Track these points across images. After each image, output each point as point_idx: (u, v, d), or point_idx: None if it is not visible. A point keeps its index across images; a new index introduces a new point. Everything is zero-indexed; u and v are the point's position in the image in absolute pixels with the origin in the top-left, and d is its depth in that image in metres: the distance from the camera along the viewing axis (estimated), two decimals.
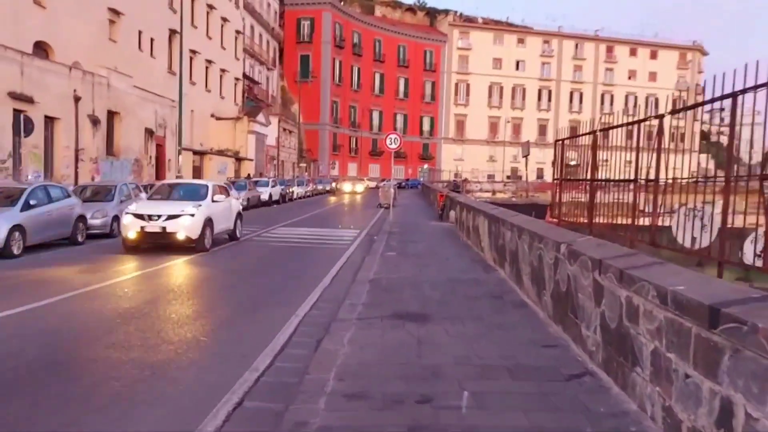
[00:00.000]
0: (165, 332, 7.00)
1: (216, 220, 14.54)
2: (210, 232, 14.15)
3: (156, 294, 9.34)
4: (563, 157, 9.44)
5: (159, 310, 8.24)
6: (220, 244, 15.35)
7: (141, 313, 7.94)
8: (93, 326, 7.30)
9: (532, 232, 8.28)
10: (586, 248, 6.05)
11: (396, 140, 21.82)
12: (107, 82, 25.46)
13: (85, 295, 9.00)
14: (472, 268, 11.55)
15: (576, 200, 9.51)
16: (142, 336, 6.80)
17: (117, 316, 7.72)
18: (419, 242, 16.02)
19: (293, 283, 10.49)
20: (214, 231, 14.53)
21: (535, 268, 8.05)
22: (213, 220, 14.33)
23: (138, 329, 7.09)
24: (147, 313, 7.99)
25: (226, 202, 15.58)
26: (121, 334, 6.85)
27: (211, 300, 9.26)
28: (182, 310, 8.24)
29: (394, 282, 9.76)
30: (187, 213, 13.63)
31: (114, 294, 9.19)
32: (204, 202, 14.31)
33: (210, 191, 14.84)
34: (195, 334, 7.01)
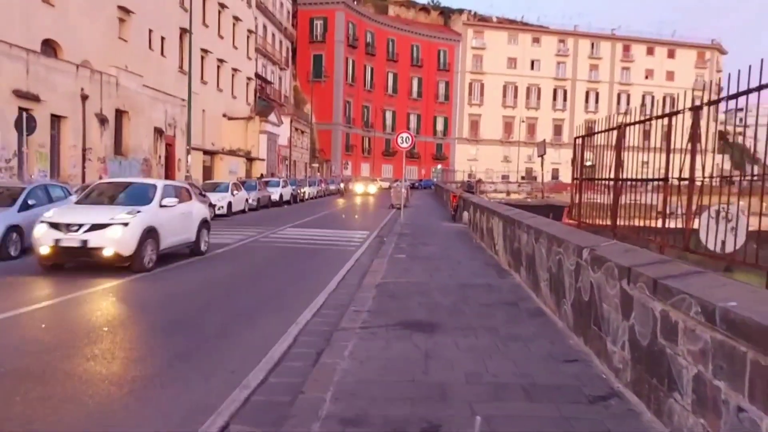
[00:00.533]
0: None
1: (165, 230, 11.44)
2: (153, 247, 11.04)
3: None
4: (583, 156, 8.85)
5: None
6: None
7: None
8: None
9: (551, 235, 7.70)
10: (612, 254, 5.48)
11: (407, 139, 21.26)
12: (116, 80, 25.16)
13: None
14: (486, 272, 10.98)
15: (597, 201, 8.93)
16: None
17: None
18: (430, 244, 15.47)
19: (297, 288, 9.98)
20: (162, 245, 11.41)
21: (553, 274, 7.47)
22: (159, 231, 11.20)
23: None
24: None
25: (183, 207, 12.43)
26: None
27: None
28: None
29: (402, 287, 9.22)
30: (117, 222, 10.47)
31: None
32: (146, 207, 11.19)
33: (158, 193, 11.69)
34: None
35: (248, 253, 14.23)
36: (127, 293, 9.34)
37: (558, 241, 7.29)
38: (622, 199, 7.65)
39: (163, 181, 13.08)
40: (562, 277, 6.99)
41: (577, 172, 9.16)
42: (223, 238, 16.50)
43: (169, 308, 8.35)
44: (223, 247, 14.85)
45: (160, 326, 7.32)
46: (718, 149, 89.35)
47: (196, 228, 12.94)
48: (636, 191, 7.48)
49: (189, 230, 12.67)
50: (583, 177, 8.91)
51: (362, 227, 21.92)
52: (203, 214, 13.58)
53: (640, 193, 7.04)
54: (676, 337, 3.82)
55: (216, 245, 15.01)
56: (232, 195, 25.47)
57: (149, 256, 10.95)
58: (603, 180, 7.76)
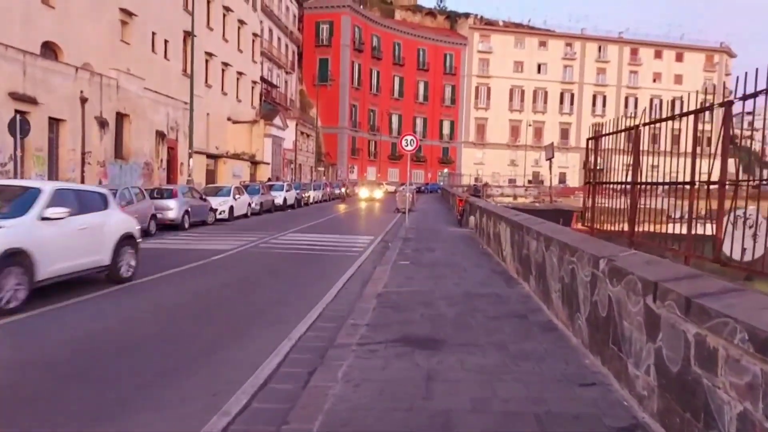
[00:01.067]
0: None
1: (46, 252, 8.27)
2: (18, 279, 7.77)
3: None
4: (596, 158, 8.32)
5: None
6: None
7: None
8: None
9: (563, 243, 7.17)
10: (632, 266, 4.95)
11: (412, 141, 20.74)
12: (116, 83, 24.76)
13: None
14: (493, 280, 10.45)
15: (611, 206, 8.41)
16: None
17: None
18: (436, 250, 14.94)
19: (294, 297, 9.48)
20: (41, 273, 8.18)
21: (566, 285, 6.94)
22: (32, 255, 7.98)
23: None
24: None
25: (86, 219, 9.36)
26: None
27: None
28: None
29: (404, 297, 8.71)
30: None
31: None
32: (14, 221, 8.01)
33: (40, 202, 8.46)
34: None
35: (244, 261, 13.73)
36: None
37: (571, 250, 6.76)
38: (639, 204, 7.14)
39: (56, 183, 9.55)
40: (576, 289, 6.46)
41: (589, 175, 8.63)
42: (222, 245, 16.04)
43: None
44: (221, 253, 14.37)
45: (140, 340, 6.83)
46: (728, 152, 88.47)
47: (111, 247, 9.84)
48: (654, 196, 6.96)
49: (98, 250, 9.58)
50: (595, 181, 8.38)
51: (366, 232, 21.43)
52: (125, 229, 10.41)
53: (660, 197, 6.51)
54: (716, 367, 3.29)
55: (214, 252, 14.55)
56: (234, 199, 25.04)
57: (19, 287, 7.75)
58: (619, 184, 7.23)
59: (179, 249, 15.18)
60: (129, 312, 8.34)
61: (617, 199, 8.02)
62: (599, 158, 8.60)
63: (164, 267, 11.81)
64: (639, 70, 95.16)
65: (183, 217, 19.99)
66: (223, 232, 20.02)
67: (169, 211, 19.60)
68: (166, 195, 20.22)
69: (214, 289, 10.16)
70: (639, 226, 7.76)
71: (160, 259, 13.28)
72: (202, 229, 20.90)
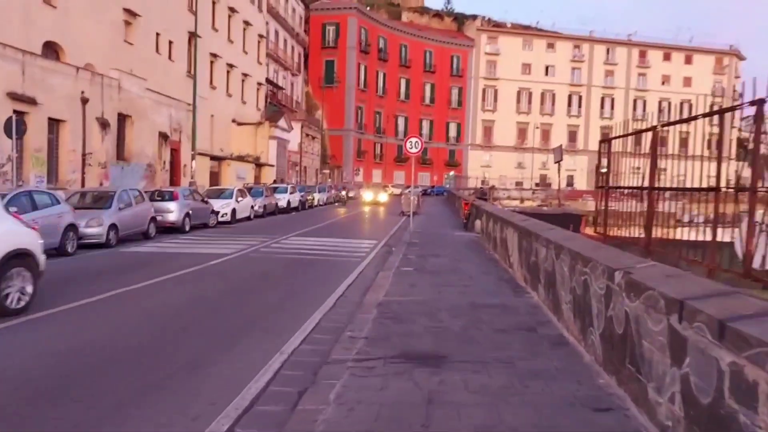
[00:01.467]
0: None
1: None
2: None
3: None
4: (610, 161, 7.88)
5: None
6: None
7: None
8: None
9: (574, 252, 6.73)
10: (652, 280, 4.51)
11: (417, 144, 20.29)
12: (118, 84, 24.47)
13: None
14: (500, 289, 10.00)
15: (624, 210, 7.98)
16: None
17: None
18: (440, 255, 14.51)
19: (291, 305, 9.07)
20: None
21: (578, 296, 6.50)
22: None
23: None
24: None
25: None
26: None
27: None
28: None
29: (406, 307, 8.28)
30: None
31: None
32: None
33: None
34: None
35: (242, 266, 13.32)
36: None
37: (583, 260, 6.32)
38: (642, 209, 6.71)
39: None
40: (589, 301, 6.02)
41: (601, 179, 8.19)
42: (222, 248, 15.66)
43: None
44: (219, 258, 13.97)
45: (120, 354, 6.43)
46: (737, 157, 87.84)
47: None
48: (672, 201, 6.53)
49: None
50: (608, 185, 7.93)
51: (370, 236, 21.00)
52: (14, 244, 7.91)
53: (679, 203, 6.08)
54: (756, 403, 2.85)
55: (213, 256, 14.16)
56: (237, 202, 24.68)
57: None
58: (635, 189, 6.78)
59: (177, 253, 14.80)
60: (114, 321, 7.94)
61: (631, 204, 7.60)
62: (604, 161, 8.18)
63: (158, 273, 11.42)
64: (647, 72, 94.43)
65: (183, 219, 19.63)
66: (224, 235, 19.65)
67: (169, 214, 19.26)
68: (167, 197, 19.88)
69: (207, 296, 9.75)
70: (656, 232, 7.33)
71: (155, 264, 12.91)
72: (203, 232, 20.55)
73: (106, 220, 15.17)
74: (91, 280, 10.86)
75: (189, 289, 10.23)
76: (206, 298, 9.59)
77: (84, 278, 11.07)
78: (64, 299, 8.74)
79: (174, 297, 9.56)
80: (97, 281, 10.56)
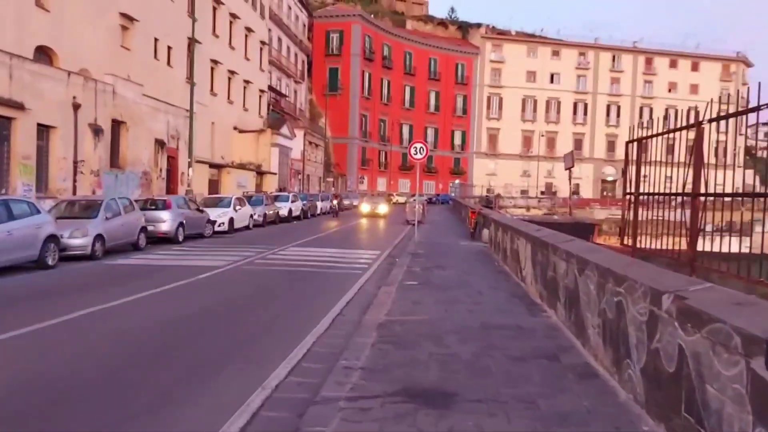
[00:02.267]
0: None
1: None
2: None
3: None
4: (639, 164, 6.97)
5: None
6: None
7: None
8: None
9: (603, 268, 5.80)
10: (716, 308, 3.60)
11: (422, 149, 19.41)
12: (112, 89, 23.65)
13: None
14: (513, 306, 9.07)
15: (658, 220, 7.06)
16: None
17: None
18: (447, 268, 13.59)
19: (281, 327, 8.16)
20: None
21: (609, 321, 5.57)
22: None
23: None
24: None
25: None
26: None
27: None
28: None
29: (410, 329, 7.36)
30: None
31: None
32: None
33: None
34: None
35: (234, 280, 12.42)
36: None
37: (616, 278, 5.39)
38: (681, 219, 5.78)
39: None
40: (625, 329, 5.09)
41: (630, 185, 7.28)
42: (215, 260, 14.76)
43: None
44: (210, 271, 13.07)
45: (65, 389, 5.53)
46: (746, 164, 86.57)
47: None
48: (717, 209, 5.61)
49: None
50: (638, 191, 7.01)
51: (373, 246, 20.07)
52: None
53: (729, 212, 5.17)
54: None
55: (204, 269, 13.26)
56: (235, 210, 23.81)
57: None
58: (674, 195, 5.87)
59: (165, 266, 13.91)
60: (77, 348, 7.04)
61: (665, 212, 6.69)
62: (612, 170, 7.29)
63: (140, 288, 10.52)
64: (654, 79, 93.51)
65: (177, 229, 18.74)
66: (219, 246, 18.77)
67: (161, 224, 18.40)
68: (160, 206, 19.01)
69: (190, 315, 8.82)
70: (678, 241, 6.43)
71: (140, 277, 12.02)
72: (197, 242, 19.66)
73: (92, 230, 14.29)
74: (64, 296, 9.97)
75: (171, 307, 9.32)
76: (188, 317, 8.67)
77: (57, 294, 10.18)
78: (25, 320, 7.84)
79: (152, 316, 8.64)
80: (71, 298, 9.67)
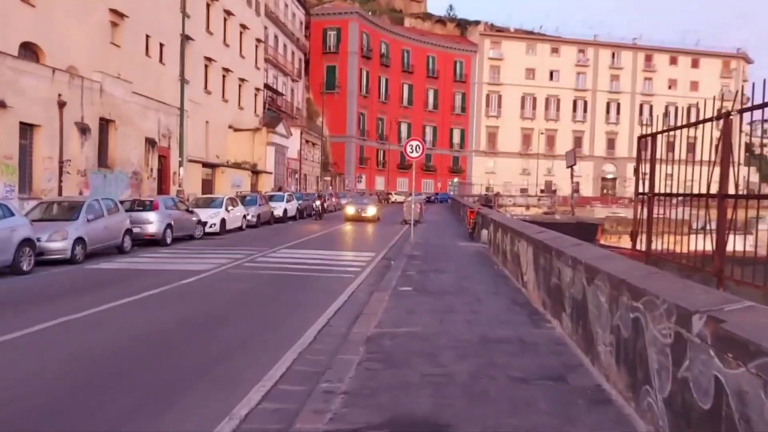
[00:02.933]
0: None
1: None
2: None
3: None
4: (654, 161, 6.30)
5: None
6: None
7: None
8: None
9: (617, 279, 5.13)
10: (764, 335, 2.94)
11: (418, 147, 18.70)
12: (100, 86, 22.95)
13: None
14: (514, 316, 8.40)
15: (669, 220, 6.41)
16: None
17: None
18: (444, 271, 12.92)
19: (261, 340, 7.49)
20: None
21: (624, 340, 4.90)
22: None
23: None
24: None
25: None
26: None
27: None
28: None
29: (401, 343, 6.70)
30: None
31: None
32: None
33: None
34: None
35: (217, 286, 11.73)
36: None
37: (633, 291, 4.72)
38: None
39: None
40: (644, 350, 4.42)
41: (643, 184, 6.61)
42: (201, 264, 14.07)
43: None
44: (194, 275, 12.38)
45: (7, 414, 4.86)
46: (744, 162, 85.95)
47: None
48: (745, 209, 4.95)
49: None
50: (653, 192, 6.34)
51: (367, 247, 19.39)
52: None
53: None
54: None
55: (188, 273, 12.58)
56: (227, 211, 23.12)
57: None
58: (698, 197, 5.20)
59: (148, 270, 13.24)
60: (25, 369, 6.37)
61: (683, 213, 6.03)
62: (612, 167, 6.62)
63: (116, 295, 9.85)
64: (653, 76, 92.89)
65: (164, 231, 18.04)
66: (209, 248, 18.09)
67: (148, 225, 17.71)
68: (147, 207, 18.32)
69: (162, 328, 8.12)
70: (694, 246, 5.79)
71: (119, 283, 11.35)
72: (187, 244, 18.97)
73: (72, 233, 13.61)
74: (33, 305, 9.29)
75: (144, 318, 8.64)
76: (160, 330, 7.97)
77: (26, 302, 9.50)
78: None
79: (122, 329, 7.96)
80: (39, 307, 8.99)
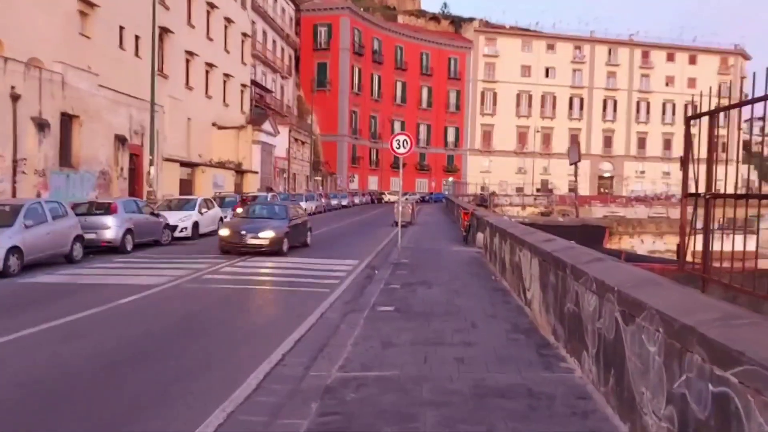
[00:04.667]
0: None
1: None
2: None
3: None
4: (712, 150, 4.54)
5: None
6: None
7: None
8: None
9: (680, 326, 3.36)
10: None
11: (406, 143, 16.87)
12: (61, 79, 21.10)
13: None
14: (518, 350, 6.62)
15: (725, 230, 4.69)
16: None
17: None
18: (433, 284, 11.15)
19: (185, 391, 5.70)
20: None
21: (697, 420, 3.14)
22: None
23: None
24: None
25: None
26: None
27: None
28: None
29: (369, 396, 4.94)
30: None
31: None
32: None
33: None
34: None
35: (164, 306, 9.91)
36: None
37: (714, 351, 2.96)
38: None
39: None
40: None
41: (696, 182, 4.85)
42: (155, 276, 12.21)
43: None
44: (142, 291, 10.56)
45: None
46: (742, 159, 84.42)
47: None
48: None
49: None
50: (713, 192, 4.58)
51: (351, 254, 17.49)
52: None
53: None
54: None
55: (136, 288, 10.75)
56: (200, 214, 21.25)
57: None
58: None
59: (93, 284, 11.39)
60: None
61: None
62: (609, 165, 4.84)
63: (37, 319, 8.04)
64: (651, 73, 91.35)
65: (123, 237, 16.16)
66: (172, 255, 16.25)
67: (105, 231, 15.86)
68: (105, 210, 16.46)
69: (58, 371, 6.26)
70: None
71: (49, 302, 9.54)
72: (150, 251, 17.09)
73: (4, 241, 11.79)
74: None
75: (47, 353, 6.81)
76: (55, 374, 6.10)
77: None
78: None
79: (11, 371, 6.15)
80: None
